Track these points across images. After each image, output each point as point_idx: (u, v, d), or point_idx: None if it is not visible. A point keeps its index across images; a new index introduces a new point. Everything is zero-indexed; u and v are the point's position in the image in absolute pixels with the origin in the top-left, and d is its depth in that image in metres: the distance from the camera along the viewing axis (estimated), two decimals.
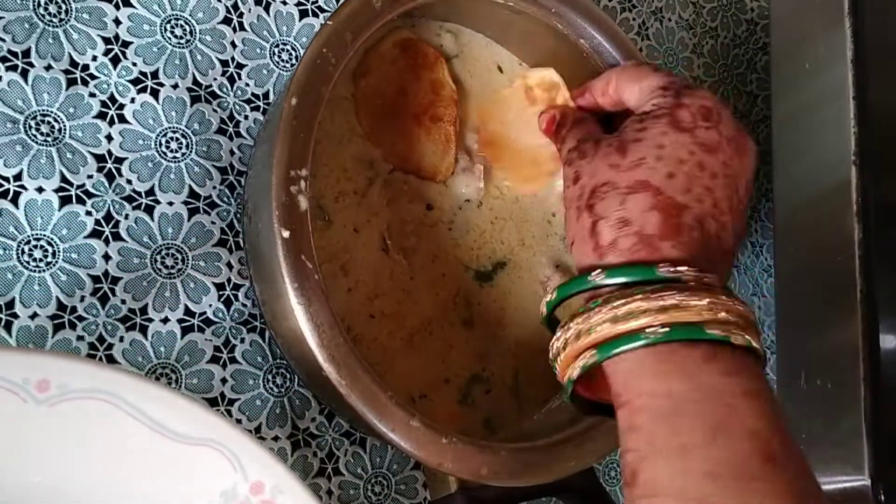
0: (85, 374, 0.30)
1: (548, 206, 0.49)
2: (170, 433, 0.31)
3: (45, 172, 0.38)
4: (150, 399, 0.31)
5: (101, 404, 0.30)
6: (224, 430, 0.32)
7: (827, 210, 0.51)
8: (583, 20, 0.45)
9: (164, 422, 0.31)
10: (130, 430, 0.31)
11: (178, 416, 0.31)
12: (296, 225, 0.34)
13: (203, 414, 0.32)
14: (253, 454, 0.32)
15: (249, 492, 0.32)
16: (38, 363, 0.30)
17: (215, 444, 0.32)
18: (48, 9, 0.40)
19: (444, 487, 0.39)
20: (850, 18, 0.51)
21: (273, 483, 0.32)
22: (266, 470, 0.32)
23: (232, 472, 0.32)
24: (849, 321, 0.48)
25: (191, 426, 0.31)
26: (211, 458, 0.32)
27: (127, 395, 0.30)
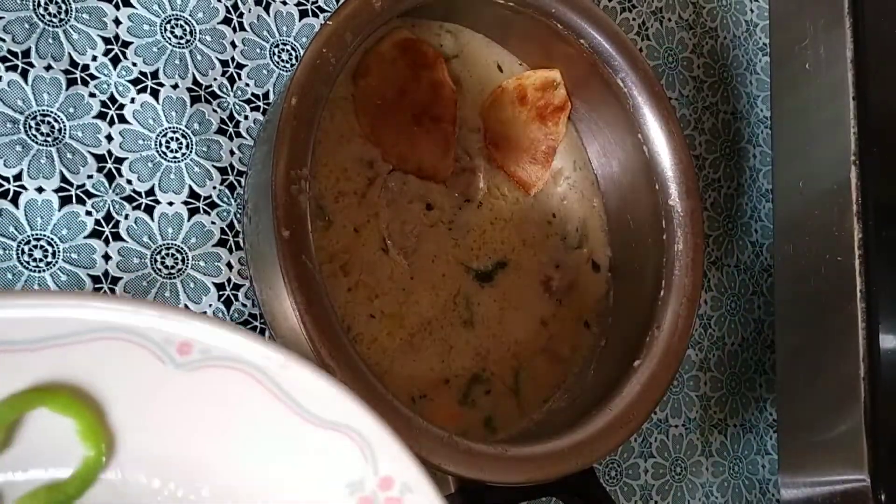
0: (230, 341, 0.28)
1: (548, 207, 0.49)
2: (306, 414, 0.29)
3: (45, 172, 0.38)
4: (290, 375, 0.28)
5: (241, 375, 0.28)
6: (362, 418, 0.29)
7: (827, 210, 0.51)
8: (582, 20, 0.45)
9: (302, 401, 0.29)
10: (266, 406, 0.28)
11: (318, 397, 0.29)
12: (296, 225, 0.34)
13: (344, 398, 0.29)
14: (387, 447, 0.29)
15: (377, 486, 0.30)
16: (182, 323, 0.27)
17: (351, 431, 0.29)
18: (48, 9, 0.40)
19: (443, 487, 0.39)
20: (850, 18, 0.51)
21: (403, 480, 0.30)
22: (398, 466, 0.30)
23: (363, 463, 0.29)
24: (849, 321, 0.48)
25: (329, 409, 0.29)
26: (344, 445, 0.29)
27: (268, 368, 0.28)
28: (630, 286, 0.48)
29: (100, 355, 0.27)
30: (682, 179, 0.46)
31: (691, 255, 0.45)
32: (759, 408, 0.60)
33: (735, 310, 0.60)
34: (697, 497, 0.55)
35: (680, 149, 0.46)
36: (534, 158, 0.48)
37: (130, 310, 0.27)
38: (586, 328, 0.48)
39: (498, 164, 0.47)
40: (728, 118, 0.63)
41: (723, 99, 0.63)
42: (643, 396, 0.42)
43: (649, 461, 0.54)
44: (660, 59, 0.60)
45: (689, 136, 0.60)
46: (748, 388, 0.60)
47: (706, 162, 0.61)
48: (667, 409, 0.55)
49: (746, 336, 0.60)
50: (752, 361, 0.60)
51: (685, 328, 0.44)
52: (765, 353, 0.61)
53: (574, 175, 0.50)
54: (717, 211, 0.61)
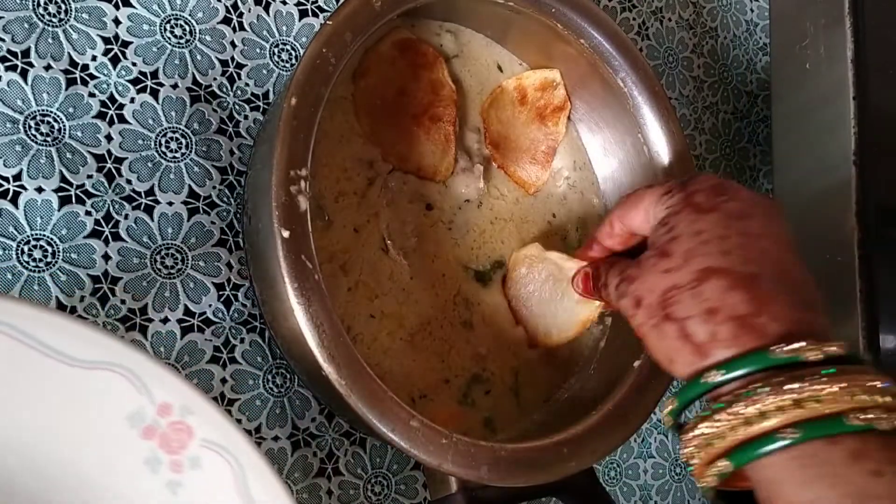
0: None
1: (548, 207, 0.49)
2: (67, 359, 0.30)
3: (44, 172, 0.38)
4: (44, 326, 0.30)
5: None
6: (124, 353, 0.31)
7: (827, 210, 0.51)
8: (583, 20, 0.45)
9: (60, 347, 0.30)
10: (27, 359, 0.30)
11: (75, 341, 0.30)
12: (295, 225, 0.34)
13: (101, 337, 0.30)
14: (156, 376, 0.31)
15: (157, 413, 0.31)
16: None
17: (115, 366, 0.30)
18: (48, 9, 0.40)
19: (444, 487, 0.39)
20: (851, 18, 0.51)
21: (181, 403, 0.31)
22: (171, 391, 0.31)
23: (136, 394, 0.31)
24: (849, 320, 0.48)
25: (88, 350, 0.30)
26: (113, 381, 0.30)
27: (18, 322, 0.29)
28: None
29: None
30: None
31: None
32: None
33: None
34: (697, 497, 0.55)
35: (680, 148, 0.46)
36: (534, 158, 0.48)
37: None
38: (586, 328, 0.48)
39: (498, 164, 0.47)
40: (728, 118, 0.63)
41: (723, 99, 0.63)
42: (643, 396, 0.42)
43: (649, 461, 0.54)
44: (660, 58, 0.60)
45: (689, 135, 0.60)
46: None
47: (706, 162, 0.61)
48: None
49: None
50: None
51: None
52: None
53: (574, 175, 0.50)
54: None
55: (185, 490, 0.31)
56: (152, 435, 0.31)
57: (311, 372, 0.38)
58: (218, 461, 0.32)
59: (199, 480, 0.32)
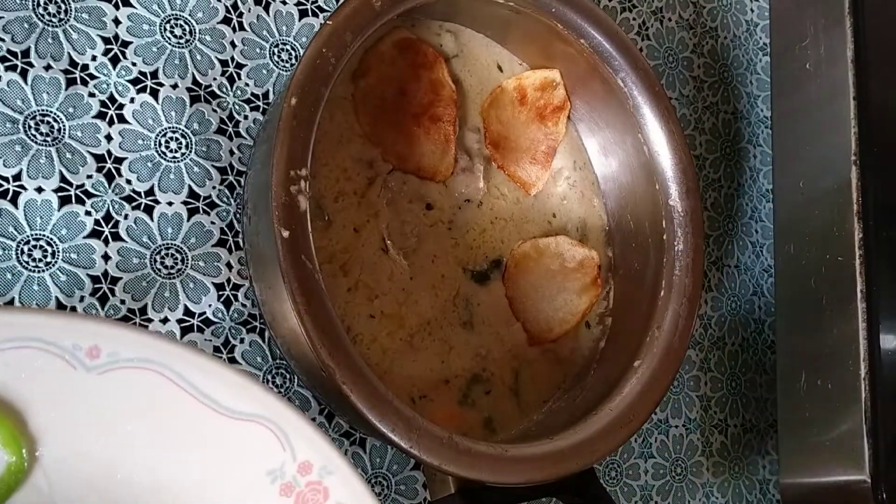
0: (137, 343, 0.29)
1: (548, 207, 0.49)
2: (219, 407, 0.30)
3: (44, 172, 0.38)
4: (200, 371, 0.30)
5: (152, 374, 0.29)
6: (274, 407, 0.30)
7: (827, 210, 0.51)
8: (583, 20, 0.45)
9: (214, 395, 0.30)
10: (179, 403, 0.30)
11: (228, 391, 0.30)
12: (295, 225, 0.34)
13: (254, 389, 0.30)
14: (302, 433, 0.31)
15: (297, 471, 0.31)
16: (89, 329, 0.29)
17: (264, 420, 0.30)
18: (47, 8, 0.40)
19: (443, 488, 0.39)
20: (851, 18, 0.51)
21: (321, 464, 0.31)
22: (315, 450, 0.31)
23: (280, 450, 0.31)
24: (849, 321, 0.48)
25: (240, 401, 0.30)
26: (259, 434, 0.30)
27: (177, 366, 0.29)
28: (630, 286, 0.48)
29: (14, 365, 0.28)
30: (683, 179, 0.46)
31: (692, 255, 0.45)
32: (759, 408, 0.60)
33: (735, 310, 0.60)
34: (698, 497, 0.55)
35: (680, 149, 0.46)
36: (534, 158, 0.48)
37: (36, 320, 0.28)
38: (586, 328, 0.48)
39: (498, 164, 0.47)
40: (728, 118, 0.63)
41: (723, 99, 0.63)
42: (643, 397, 0.42)
43: (649, 461, 0.54)
44: (660, 58, 0.60)
45: (689, 135, 0.60)
46: (748, 388, 0.60)
47: (706, 162, 0.61)
48: (667, 409, 0.55)
49: (747, 336, 0.60)
50: (753, 362, 0.60)
51: (685, 328, 0.44)
52: (765, 353, 0.61)
53: (574, 175, 0.50)
54: (718, 211, 0.61)
55: None
56: (290, 492, 0.31)
57: (311, 372, 0.38)
58: None
59: None
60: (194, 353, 0.30)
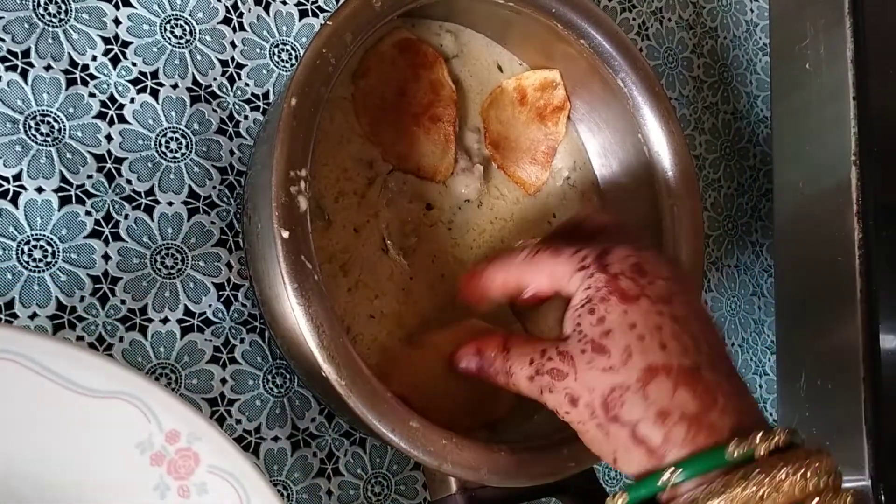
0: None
1: (548, 207, 0.49)
2: (80, 388, 0.31)
3: (44, 172, 0.38)
4: (56, 356, 0.31)
5: (9, 364, 0.30)
6: (134, 382, 0.32)
7: (827, 210, 0.51)
8: (583, 20, 0.45)
9: (73, 378, 0.31)
10: (39, 389, 0.30)
11: (87, 372, 0.31)
12: (295, 225, 0.34)
13: (111, 367, 0.31)
14: (165, 403, 0.32)
15: (165, 441, 0.32)
16: None
17: (126, 395, 0.31)
18: (48, 9, 0.40)
19: (443, 488, 0.39)
20: (851, 18, 0.51)
21: (188, 430, 0.32)
22: (180, 418, 0.32)
23: (145, 422, 0.32)
24: (849, 321, 0.48)
25: (100, 380, 0.31)
26: (123, 410, 0.31)
27: (33, 353, 0.30)
28: None
29: None
30: (682, 179, 0.46)
31: (691, 255, 0.45)
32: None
33: (735, 310, 0.60)
34: None
35: (680, 149, 0.46)
36: (534, 158, 0.48)
37: None
38: None
39: (498, 164, 0.47)
40: (728, 118, 0.63)
41: (723, 99, 0.63)
42: None
43: None
44: (660, 58, 0.60)
45: (689, 135, 0.60)
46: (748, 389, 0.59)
47: (706, 162, 0.61)
48: None
49: (746, 336, 0.60)
50: (753, 362, 0.60)
51: None
52: (765, 353, 0.61)
53: (574, 175, 0.50)
54: (718, 211, 0.61)
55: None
56: (161, 461, 0.32)
57: (311, 372, 0.38)
58: (224, 486, 0.33)
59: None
60: (47, 340, 0.31)
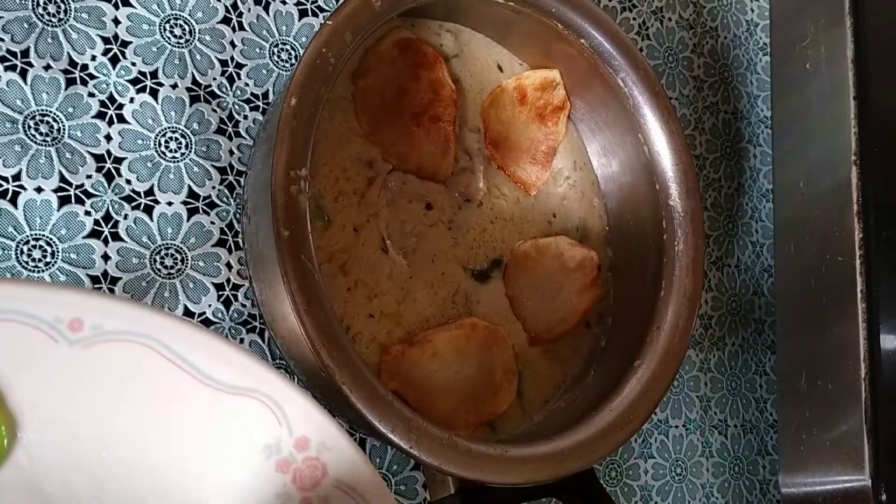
0: (121, 315, 0.28)
1: (548, 207, 0.49)
2: (212, 381, 0.29)
3: (43, 172, 0.38)
4: (191, 344, 0.28)
5: (138, 347, 0.28)
6: (270, 381, 0.29)
7: (827, 210, 0.51)
8: (583, 20, 0.45)
9: (206, 369, 0.29)
10: (169, 377, 0.28)
11: (222, 365, 0.29)
12: (295, 225, 0.34)
13: (248, 362, 0.29)
14: (299, 408, 0.30)
15: (293, 447, 0.30)
16: (70, 300, 0.27)
17: (259, 394, 0.29)
18: (47, 8, 0.40)
19: (443, 488, 0.39)
20: (851, 18, 0.51)
21: (319, 440, 0.30)
22: (312, 425, 0.30)
23: (276, 425, 0.29)
24: (849, 321, 0.48)
25: (235, 375, 0.29)
26: (255, 409, 0.29)
27: (166, 338, 0.28)
28: (630, 286, 0.48)
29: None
30: (683, 179, 0.46)
31: (692, 255, 0.45)
32: (759, 408, 0.60)
33: (735, 310, 0.60)
34: (698, 498, 0.55)
35: (680, 148, 0.46)
36: (534, 158, 0.48)
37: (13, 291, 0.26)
38: (587, 328, 0.48)
39: (498, 164, 0.47)
40: (728, 118, 0.63)
41: (723, 99, 0.63)
42: (643, 397, 0.42)
43: (649, 462, 0.54)
44: (660, 58, 0.60)
45: (689, 135, 0.60)
46: (748, 388, 0.59)
47: (707, 162, 0.61)
48: (667, 409, 0.55)
49: (747, 336, 0.60)
50: (753, 362, 0.60)
51: (685, 328, 0.44)
52: (765, 353, 0.61)
53: (574, 175, 0.50)
54: (718, 211, 0.61)
55: None
56: (287, 469, 0.30)
57: (311, 372, 0.38)
58: None
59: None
60: (184, 325, 0.29)
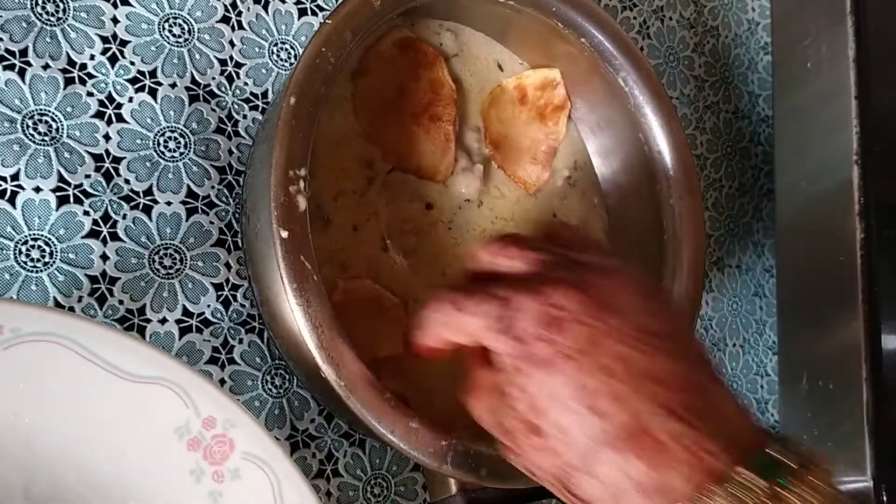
0: (37, 319, 0.31)
1: (549, 206, 0.48)
2: (122, 373, 0.32)
3: (42, 172, 0.38)
4: (101, 340, 0.32)
5: (55, 347, 0.31)
6: (174, 369, 0.32)
7: (829, 210, 0.51)
8: (583, 19, 0.45)
9: (116, 362, 0.32)
10: (83, 371, 0.31)
11: (129, 357, 0.32)
12: (295, 225, 0.34)
13: (153, 353, 0.32)
14: (203, 390, 0.33)
15: (202, 426, 0.33)
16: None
17: (166, 381, 0.32)
18: (46, 7, 0.39)
19: (443, 489, 0.39)
20: (852, 17, 0.51)
21: (225, 417, 0.33)
22: (217, 405, 0.33)
23: (183, 408, 0.33)
24: (851, 321, 0.48)
25: (141, 365, 0.32)
26: (163, 395, 0.32)
27: (79, 337, 0.31)
28: None
29: None
30: (684, 179, 0.46)
31: (692, 255, 0.45)
32: (760, 409, 0.60)
33: (737, 311, 0.60)
34: None
35: (681, 148, 0.46)
36: (534, 158, 0.48)
37: None
38: None
39: (498, 164, 0.47)
40: (729, 117, 0.63)
41: (724, 98, 0.63)
42: None
43: None
44: (661, 57, 0.59)
45: (690, 135, 0.60)
46: (750, 389, 0.59)
47: (707, 161, 0.61)
48: None
49: (748, 337, 0.60)
50: (754, 363, 0.60)
51: None
52: (766, 354, 0.61)
53: (575, 174, 0.50)
54: (719, 211, 0.61)
55: (226, 499, 0.34)
56: (197, 447, 0.33)
57: (310, 373, 0.38)
58: (257, 472, 0.34)
59: (239, 490, 0.34)
60: (94, 324, 0.32)
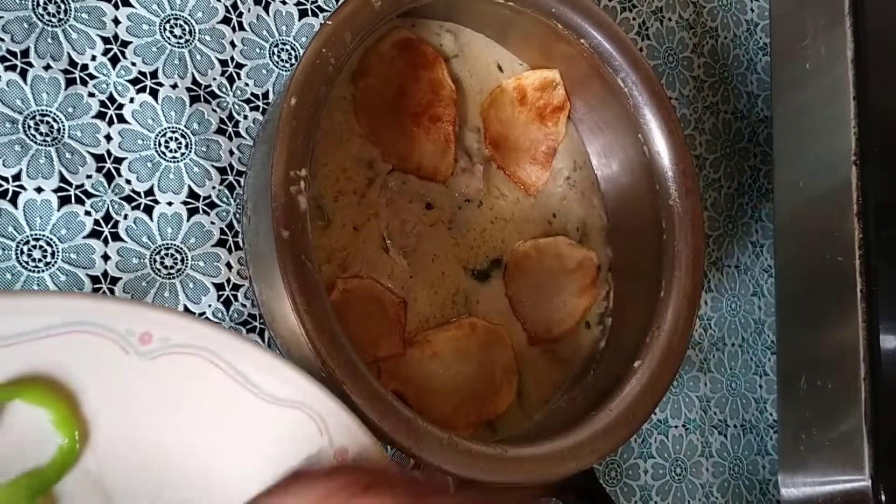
0: (187, 330, 0.30)
1: (548, 207, 0.49)
2: (262, 393, 0.31)
3: (44, 172, 0.38)
4: (245, 358, 0.31)
5: (200, 361, 0.30)
6: (314, 395, 0.32)
7: (827, 210, 0.51)
8: (583, 20, 0.45)
9: (258, 382, 0.31)
10: (224, 388, 0.31)
11: (271, 378, 0.31)
12: (295, 225, 0.34)
13: (295, 377, 0.31)
14: (341, 420, 0.32)
15: (334, 456, 0.32)
16: (143, 315, 0.30)
17: (305, 407, 0.32)
18: (47, 8, 0.40)
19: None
20: (851, 18, 0.51)
21: (357, 450, 0.32)
22: (352, 437, 0.32)
23: (318, 435, 0.32)
24: (849, 321, 0.48)
25: (282, 388, 0.31)
26: (299, 420, 0.32)
27: (224, 353, 0.31)
28: (630, 286, 0.48)
29: (69, 348, 0.29)
30: (683, 179, 0.46)
31: (691, 255, 0.45)
32: (759, 409, 0.60)
33: (735, 310, 0.60)
34: (697, 497, 0.55)
35: (680, 148, 0.46)
36: (534, 159, 0.48)
37: (93, 305, 0.29)
38: (587, 328, 0.48)
39: (498, 164, 0.47)
40: (728, 118, 0.63)
41: (723, 98, 0.63)
42: (643, 397, 0.42)
43: (649, 462, 0.54)
44: (660, 58, 0.60)
45: (689, 135, 0.60)
46: (748, 388, 0.59)
47: (706, 162, 0.61)
48: (667, 409, 0.55)
49: (746, 337, 0.60)
50: (753, 362, 0.60)
51: (685, 329, 0.44)
52: (765, 353, 0.61)
53: (574, 175, 0.50)
54: (718, 211, 0.61)
55: None
56: None
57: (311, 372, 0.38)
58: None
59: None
60: (241, 341, 0.31)
